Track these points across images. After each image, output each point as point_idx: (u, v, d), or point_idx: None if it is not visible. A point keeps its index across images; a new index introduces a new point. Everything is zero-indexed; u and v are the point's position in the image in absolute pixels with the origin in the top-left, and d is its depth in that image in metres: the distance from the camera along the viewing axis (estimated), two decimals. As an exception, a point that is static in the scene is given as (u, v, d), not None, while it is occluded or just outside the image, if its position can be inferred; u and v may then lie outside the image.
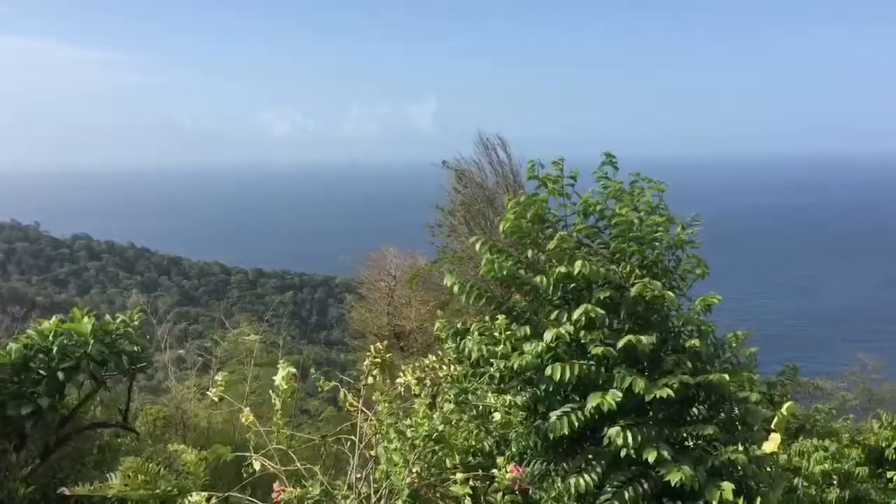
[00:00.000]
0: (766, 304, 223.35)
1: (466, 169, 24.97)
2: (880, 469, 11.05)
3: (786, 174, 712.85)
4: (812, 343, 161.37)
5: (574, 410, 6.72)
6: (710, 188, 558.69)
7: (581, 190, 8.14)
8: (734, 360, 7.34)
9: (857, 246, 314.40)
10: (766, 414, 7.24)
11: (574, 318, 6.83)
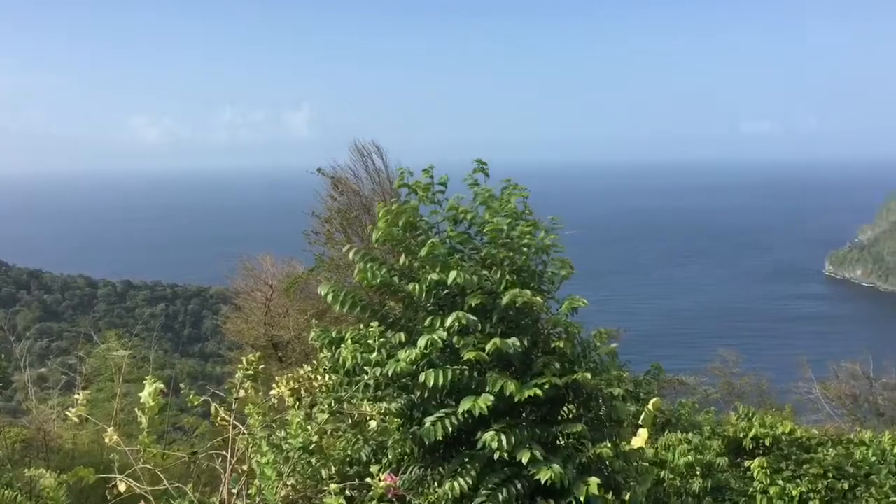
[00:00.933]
0: (638, 303, 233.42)
1: (342, 176, 24.89)
2: (739, 458, 11.71)
3: (656, 179, 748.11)
4: (679, 340, 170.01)
5: (448, 415, 6.79)
6: (587, 192, 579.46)
7: (467, 197, 8.27)
8: (599, 359, 7.61)
9: (719, 248, 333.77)
10: (632, 410, 7.55)
11: (447, 325, 6.91)
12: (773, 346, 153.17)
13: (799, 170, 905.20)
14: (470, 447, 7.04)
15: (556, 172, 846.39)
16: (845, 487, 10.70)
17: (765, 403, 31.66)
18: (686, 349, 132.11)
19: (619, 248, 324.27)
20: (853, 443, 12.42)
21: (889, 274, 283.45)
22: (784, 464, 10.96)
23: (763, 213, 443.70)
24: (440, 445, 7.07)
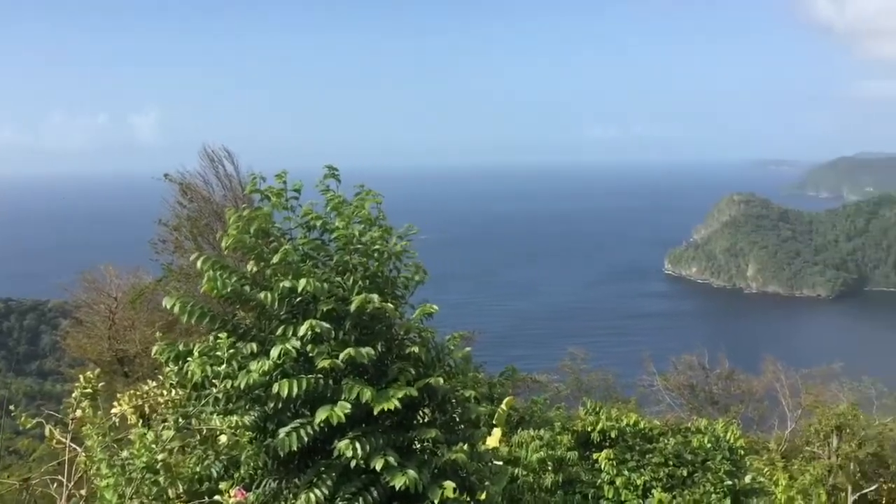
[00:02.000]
0: (492, 305, 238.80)
1: (192, 182, 24.00)
2: (588, 452, 12.21)
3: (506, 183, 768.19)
4: (531, 340, 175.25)
5: (303, 425, 6.68)
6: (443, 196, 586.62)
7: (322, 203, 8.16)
8: (453, 362, 7.71)
9: (567, 250, 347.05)
10: (485, 411, 7.70)
11: (301, 334, 6.80)
12: (619, 343, 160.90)
13: (639, 173, 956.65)
14: (325, 456, 6.95)
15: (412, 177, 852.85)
16: (684, 474, 11.40)
17: (611, 397, 33.21)
18: (538, 348, 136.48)
19: (473, 251, 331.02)
20: (690, 431, 13.23)
21: (720, 271, 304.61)
22: (629, 454, 11.55)
23: (607, 215, 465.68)
24: (295, 456, 6.95)
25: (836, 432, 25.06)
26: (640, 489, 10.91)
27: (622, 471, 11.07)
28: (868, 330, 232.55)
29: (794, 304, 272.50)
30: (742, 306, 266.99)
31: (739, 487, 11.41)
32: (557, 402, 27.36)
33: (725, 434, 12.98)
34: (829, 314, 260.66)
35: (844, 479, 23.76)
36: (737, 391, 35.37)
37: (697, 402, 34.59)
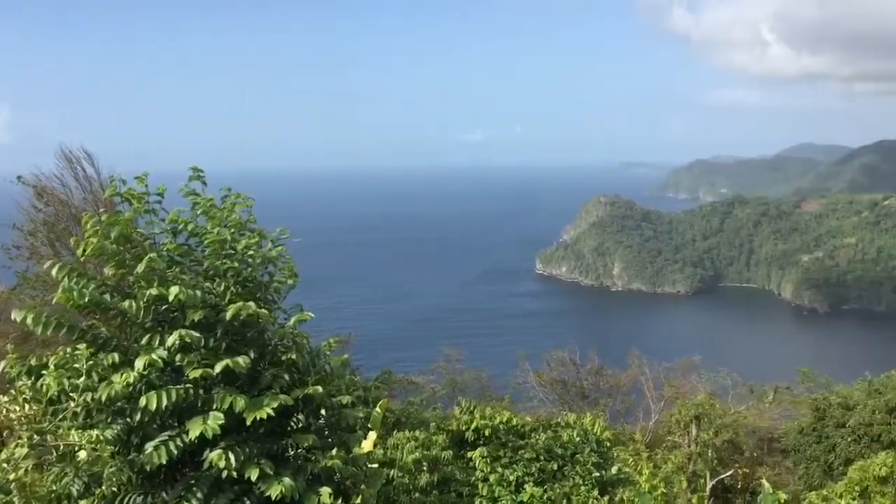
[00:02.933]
0: (369, 307, 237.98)
1: (48, 185, 22.68)
2: (462, 450, 12.39)
3: (382, 186, 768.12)
4: (408, 341, 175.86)
5: (172, 438, 6.45)
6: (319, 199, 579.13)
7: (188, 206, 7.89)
8: (328, 368, 7.65)
9: (443, 252, 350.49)
10: (360, 416, 7.67)
11: (169, 343, 6.56)
12: (494, 343, 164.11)
13: (512, 176, 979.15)
14: (195, 468, 6.73)
15: (284, 180, 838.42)
16: (555, 468, 11.77)
17: (486, 396, 33.80)
18: (414, 350, 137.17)
19: (349, 254, 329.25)
20: (561, 426, 13.66)
21: (588, 270, 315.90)
22: (502, 451, 11.81)
23: (481, 218, 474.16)
24: (162, 470, 6.68)
25: (695, 422, 26.49)
26: (513, 485, 11.17)
27: (496, 468, 11.30)
28: (723, 323, 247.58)
29: (657, 300, 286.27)
30: (609, 303, 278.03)
31: (606, 478, 11.89)
32: (433, 402, 27.60)
33: (593, 427, 13.47)
34: (689, 309, 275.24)
35: (703, 466, 25.14)
36: (605, 385, 36.75)
37: (569, 397, 35.72)
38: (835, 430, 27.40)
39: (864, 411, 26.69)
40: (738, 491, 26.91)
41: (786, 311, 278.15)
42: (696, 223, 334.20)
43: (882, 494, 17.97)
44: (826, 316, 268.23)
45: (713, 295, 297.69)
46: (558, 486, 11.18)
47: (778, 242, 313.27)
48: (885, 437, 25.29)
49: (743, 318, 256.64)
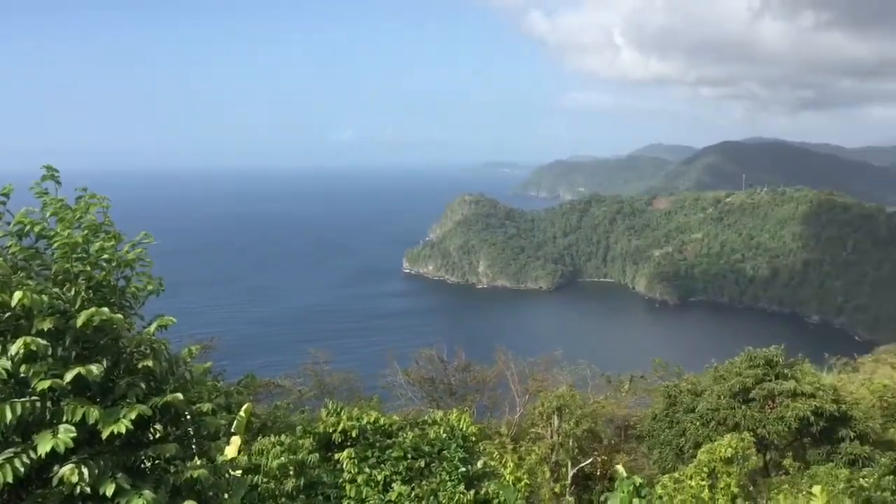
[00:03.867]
0: (234, 310, 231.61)
1: None
2: (330, 453, 12.32)
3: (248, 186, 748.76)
4: (275, 344, 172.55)
5: (18, 454, 6.06)
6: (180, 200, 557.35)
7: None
8: (189, 374, 7.43)
9: (310, 253, 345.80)
10: (222, 422, 7.51)
11: (12, 353, 6.18)
12: (363, 343, 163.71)
13: (381, 176, 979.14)
14: (43, 485, 6.37)
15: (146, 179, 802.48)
16: (422, 465, 11.91)
17: (355, 396, 33.71)
18: (282, 353, 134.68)
19: (214, 257, 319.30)
20: (428, 423, 13.83)
21: (455, 268, 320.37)
22: (370, 451, 11.83)
23: (348, 218, 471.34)
24: (4, 490, 6.29)
25: (557, 413, 27.41)
26: (381, 484, 11.22)
27: (363, 468, 11.32)
28: (583, 317, 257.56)
29: (521, 296, 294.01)
30: (475, 300, 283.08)
31: (472, 473, 12.14)
32: (301, 405, 27.28)
33: (460, 423, 13.72)
34: (551, 304, 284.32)
35: (565, 456, 26.06)
36: (473, 381, 37.41)
37: (437, 395, 36.13)
38: (685, 416, 29.07)
39: (710, 397, 28.46)
40: (598, 477, 28.09)
41: (640, 303, 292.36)
42: (557, 221, 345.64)
43: (728, 474, 19.25)
44: (676, 308, 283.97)
45: (573, 290, 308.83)
46: (426, 484, 11.32)
47: (632, 238, 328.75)
48: (729, 420, 27.05)
49: (601, 312, 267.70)
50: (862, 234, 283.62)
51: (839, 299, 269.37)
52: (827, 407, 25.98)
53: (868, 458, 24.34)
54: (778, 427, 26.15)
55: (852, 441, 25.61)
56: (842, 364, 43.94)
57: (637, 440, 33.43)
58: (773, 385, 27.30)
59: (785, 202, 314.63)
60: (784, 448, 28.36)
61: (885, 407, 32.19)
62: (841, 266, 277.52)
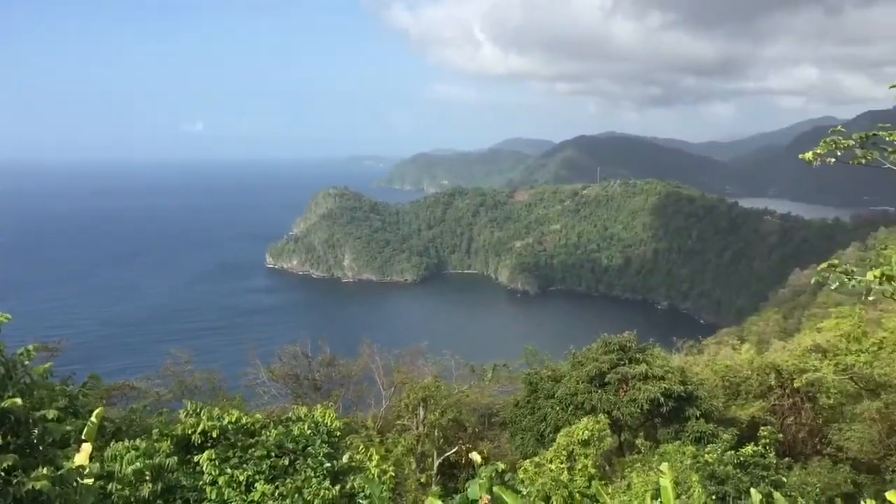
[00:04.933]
0: (84, 310, 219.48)
1: None
2: (189, 455, 11.90)
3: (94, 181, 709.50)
4: (133, 345, 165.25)
5: None
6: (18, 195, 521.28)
7: None
8: (29, 379, 6.99)
9: (164, 249, 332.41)
10: (69, 428, 7.11)
11: None
12: (225, 341, 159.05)
13: (241, 170, 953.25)
14: None
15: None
16: (286, 463, 11.74)
17: (218, 396, 32.73)
18: (139, 354, 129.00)
19: (60, 255, 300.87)
20: (292, 420, 13.63)
21: (319, 262, 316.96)
22: (231, 452, 11.54)
23: (206, 212, 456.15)
24: None
25: (422, 404, 27.71)
26: (244, 484, 10.97)
27: (224, 469, 11.02)
28: (447, 309, 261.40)
29: (387, 289, 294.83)
30: (341, 294, 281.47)
31: (338, 468, 12.08)
32: (159, 407, 26.23)
33: (324, 419, 13.61)
34: (416, 296, 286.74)
35: (430, 446, 26.39)
36: (338, 376, 37.16)
37: (302, 391, 35.66)
38: (545, 402, 30.07)
39: (569, 382, 29.57)
40: (463, 466, 28.62)
41: (502, 294, 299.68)
42: (421, 214, 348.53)
43: (585, 455, 20.09)
44: (536, 297, 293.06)
45: (438, 282, 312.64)
46: (290, 481, 11.15)
47: (494, 230, 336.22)
48: (587, 404, 28.21)
49: (465, 303, 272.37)
50: (705, 224, 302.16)
51: (685, 286, 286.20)
52: (675, 388, 27.55)
53: (712, 434, 25.98)
54: (631, 409, 27.50)
55: (698, 419, 27.28)
56: (688, 347, 46.62)
57: (500, 427, 34.28)
58: (626, 369, 28.68)
59: (636, 194, 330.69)
60: (637, 428, 29.85)
61: (727, 386, 34.49)
62: (687, 254, 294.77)
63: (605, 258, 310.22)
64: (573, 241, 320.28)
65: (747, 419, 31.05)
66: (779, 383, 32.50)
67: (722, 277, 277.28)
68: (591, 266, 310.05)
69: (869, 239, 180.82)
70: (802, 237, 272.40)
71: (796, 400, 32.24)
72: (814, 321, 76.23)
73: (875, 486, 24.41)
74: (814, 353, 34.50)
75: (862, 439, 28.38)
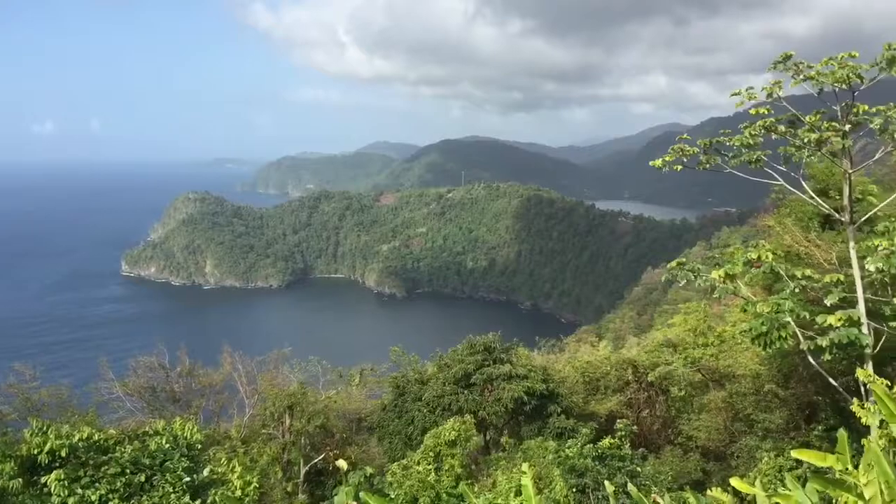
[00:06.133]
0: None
1: None
2: (35, 476, 11.21)
3: None
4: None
5: None
6: None
7: None
8: None
9: (11, 256, 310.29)
10: None
11: None
12: (78, 354, 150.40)
13: (90, 172, 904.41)
14: None
15: None
16: (143, 479, 11.25)
17: (67, 413, 30.90)
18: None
19: None
20: (149, 434, 13.09)
21: (180, 269, 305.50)
22: (82, 471, 10.95)
23: (51, 217, 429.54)
24: None
25: (288, 411, 27.25)
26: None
27: (75, 489, 10.44)
28: (314, 314, 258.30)
29: (251, 295, 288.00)
30: (202, 302, 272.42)
31: (198, 482, 11.70)
32: (2, 427, 24.50)
33: (184, 432, 13.16)
34: (282, 302, 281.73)
35: (297, 454, 26.00)
36: (198, 386, 35.88)
37: (159, 403, 34.21)
38: (413, 404, 30.25)
39: (436, 384, 29.89)
40: (330, 472, 28.37)
41: (370, 298, 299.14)
42: (286, 218, 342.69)
43: (451, 456, 20.37)
44: (404, 300, 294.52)
45: (304, 287, 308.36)
46: (146, 498, 10.70)
47: (361, 234, 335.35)
48: (453, 405, 28.60)
49: (332, 308, 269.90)
50: (565, 225, 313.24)
51: (547, 286, 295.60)
52: (537, 387, 28.39)
53: (572, 429, 26.94)
54: (496, 408, 28.11)
55: (559, 416, 28.23)
56: (550, 345, 48.16)
57: (369, 432, 34.20)
58: (491, 370, 29.29)
59: (499, 197, 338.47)
60: (502, 427, 30.55)
61: (587, 382, 35.89)
62: (548, 255, 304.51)
63: (471, 260, 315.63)
64: (439, 243, 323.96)
65: (606, 413, 32.43)
66: (635, 378, 34.13)
67: (581, 277, 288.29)
68: (456, 268, 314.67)
69: (713, 238, 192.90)
70: (654, 237, 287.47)
71: (651, 393, 33.96)
72: (665, 317, 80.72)
73: (721, 473, 26.03)
74: (665, 348, 36.52)
75: (709, 428, 30.20)
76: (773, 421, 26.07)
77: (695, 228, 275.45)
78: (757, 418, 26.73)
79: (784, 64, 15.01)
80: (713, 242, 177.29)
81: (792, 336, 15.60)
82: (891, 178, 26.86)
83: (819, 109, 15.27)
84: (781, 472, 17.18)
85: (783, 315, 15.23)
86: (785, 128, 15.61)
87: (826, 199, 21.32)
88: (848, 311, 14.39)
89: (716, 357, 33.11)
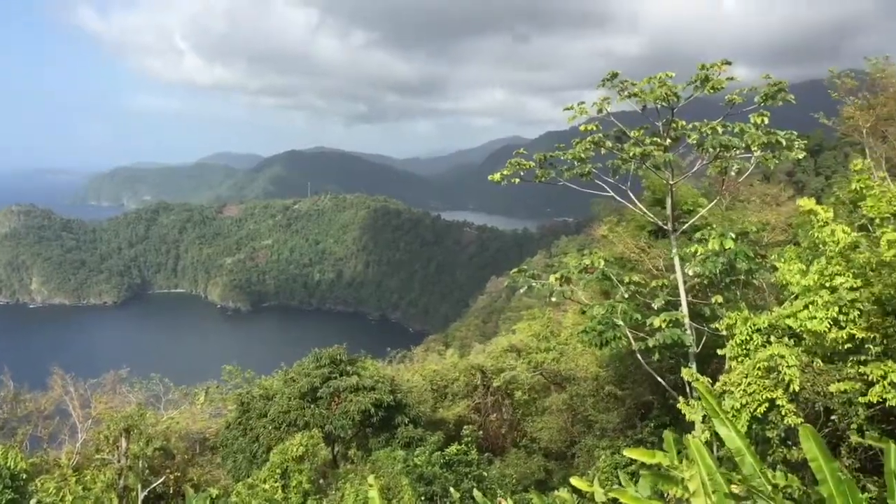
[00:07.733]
0: None
1: None
2: None
3: None
4: None
5: None
6: None
7: None
8: None
9: None
10: None
11: None
12: None
13: None
14: None
15: None
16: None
17: None
18: None
19: None
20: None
21: (2, 286, 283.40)
22: None
23: None
24: None
25: (124, 435, 25.89)
26: None
27: None
28: (153, 331, 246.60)
29: (83, 313, 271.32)
30: (28, 321, 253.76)
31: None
32: None
33: (7, 461, 12.26)
34: (117, 320, 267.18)
35: (134, 479, 24.75)
36: (24, 412, 33.45)
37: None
38: (258, 421, 29.49)
39: (282, 400, 29.30)
40: (171, 496, 27.17)
41: (213, 313, 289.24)
42: (122, 231, 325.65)
43: (299, 472, 20.08)
44: (249, 315, 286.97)
45: (142, 303, 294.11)
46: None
47: (203, 247, 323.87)
48: (300, 420, 28.13)
49: (173, 325, 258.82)
50: (412, 236, 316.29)
51: (395, 296, 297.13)
52: (385, 398, 28.45)
53: (420, 438, 27.20)
54: (343, 421, 27.93)
55: (407, 426, 28.41)
56: (399, 356, 48.41)
57: (212, 451, 33.05)
58: (338, 382, 29.07)
59: (346, 208, 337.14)
60: (350, 440, 30.37)
61: (436, 389, 36.40)
62: (395, 266, 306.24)
63: (318, 272, 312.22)
64: (285, 255, 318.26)
65: (455, 419, 33.00)
66: (483, 382, 34.97)
67: (428, 287, 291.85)
68: (303, 281, 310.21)
69: (553, 247, 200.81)
70: (497, 247, 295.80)
71: (497, 397, 34.90)
72: (509, 324, 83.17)
73: (563, 472, 27.10)
74: (510, 353, 37.68)
75: (551, 429, 31.40)
76: (611, 421, 27.48)
77: (536, 238, 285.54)
78: (595, 419, 28.09)
79: (611, 81, 16.00)
80: (553, 251, 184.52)
81: (625, 337, 16.59)
82: (713, 189, 29.08)
83: (644, 125, 16.39)
84: (617, 470, 18.14)
85: (616, 317, 16.15)
86: (612, 143, 16.61)
87: (661, 210, 22.83)
88: (672, 313, 15.48)
89: (557, 361, 34.52)
